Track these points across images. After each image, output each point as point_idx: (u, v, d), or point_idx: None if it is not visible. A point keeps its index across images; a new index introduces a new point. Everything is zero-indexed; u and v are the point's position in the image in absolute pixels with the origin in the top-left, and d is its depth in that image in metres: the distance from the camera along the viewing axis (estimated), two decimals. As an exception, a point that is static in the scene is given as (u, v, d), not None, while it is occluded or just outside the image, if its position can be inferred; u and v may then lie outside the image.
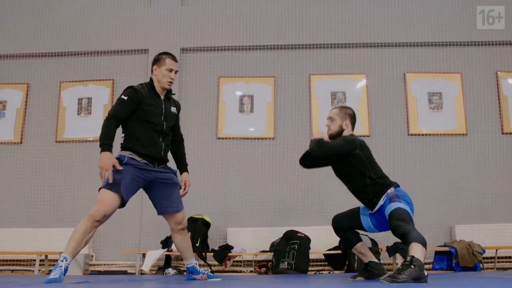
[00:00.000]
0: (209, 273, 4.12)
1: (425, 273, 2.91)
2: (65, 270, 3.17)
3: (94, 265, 6.35)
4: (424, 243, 3.04)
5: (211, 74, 6.97)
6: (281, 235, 5.95)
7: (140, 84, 3.63)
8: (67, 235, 3.29)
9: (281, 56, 7.01)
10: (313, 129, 6.71)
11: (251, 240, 6.25)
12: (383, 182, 3.61)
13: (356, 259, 5.53)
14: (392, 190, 3.53)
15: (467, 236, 5.97)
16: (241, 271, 6.11)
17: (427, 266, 5.65)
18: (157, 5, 7.09)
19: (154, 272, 5.98)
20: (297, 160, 6.44)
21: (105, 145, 3.36)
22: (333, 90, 6.85)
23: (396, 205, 3.38)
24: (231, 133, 6.80)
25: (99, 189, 3.39)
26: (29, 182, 6.73)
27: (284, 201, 6.54)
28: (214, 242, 6.26)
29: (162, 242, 6.11)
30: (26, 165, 6.80)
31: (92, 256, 6.38)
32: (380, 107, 6.78)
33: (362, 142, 3.69)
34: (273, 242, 6.08)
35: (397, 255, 5.51)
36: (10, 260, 6.33)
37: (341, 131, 3.79)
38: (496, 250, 5.87)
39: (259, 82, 6.93)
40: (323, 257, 6.15)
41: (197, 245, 5.87)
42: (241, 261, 6.21)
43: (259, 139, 6.77)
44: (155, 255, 5.85)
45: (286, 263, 5.63)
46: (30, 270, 6.15)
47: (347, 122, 3.81)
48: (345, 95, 6.83)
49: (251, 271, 6.02)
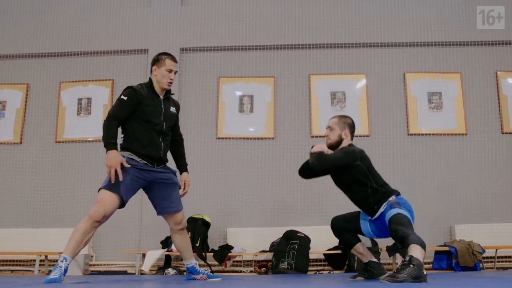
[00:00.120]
0: (209, 273, 4.12)
1: (424, 273, 2.92)
2: (65, 271, 3.17)
3: (94, 265, 6.35)
4: (423, 245, 3.05)
5: (210, 74, 6.97)
6: (281, 235, 5.95)
7: (139, 84, 3.63)
8: (67, 235, 3.29)
9: (281, 56, 7.01)
10: (313, 129, 6.71)
11: (251, 240, 6.25)
12: (384, 190, 3.61)
13: (356, 259, 5.53)
14: (393, 198, 3.54)
15: (467, 236, 5.97)
16: (241, 271, 6.11)
17: (427, 266, 5.69)
18: (156, 5, 7.08)
19: (154, 272, 5.98)
20: (297, 160, 6.52)
21: (110, 144, 3.36)
22: (332, 90, 6.85)
23: (396, 211, 3.39)
24: (231, 133, 6.80)
25: (99, 189, 3.39)
26: (29, 182, 6.73)
27: (284, 201, 6.54)
28: (214, 242, 6.26)
29: (162, 242, 6.11)
30: (26, 165, 6.80)
31: (92, 256, 6.38)
32: (379, 107, 6.78)
33: (362, 153, 3.68)
34: (273, 242, 6.08)
35: (397, 255, 5.51)
36: (10, 260, 6.33)
37: (340, 140, 3.78)
38: (496, 250, 5.88)
39: (259, 82, 6.93)
40: (323, 257, 6.15)
41: (197, 245, 5.87)
42: (241, 261, 6.21)
43: (259, 139, 6.77)
44: (155, 255, 5.85)
45: (286, 263, 5.63)
46: (30, 271, 6.14)
47: (346, 131, 3.79)
48: (344, 95, 6.83)
49: (251, 271, 6.02)
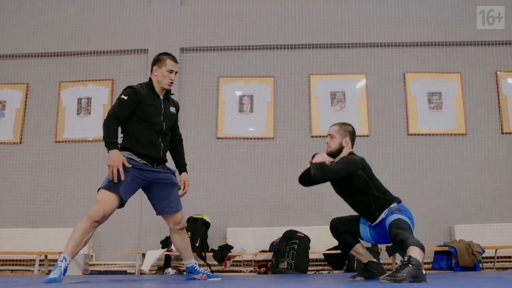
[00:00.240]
0: (208, 272, 4.12)
1: (423, 272, 2.92)
2: (65, 270, 3.17)
3: (93, 265, 6.35)
4: (422, 247, 3.04)
5: (210, 74, 6.97)
6: (280, 235, 5.95)
7: (139, 84, 3.63)
8: (67, 235, 3.29)
9: (281, 56, 7.00)
10: (313, 129, 6.71)
11: (251, 240, 6.25)
12: (386, 197, 3.62)
13: (356, 259, 5.53)
14: (395, 205, 3.55)
15: (466, 236, 5.98)
16: (240, 271, 6.11)
17: (426, 266, 5.68)
18: (156, 5, 7.08)
19: (153, 272, 5.98)
20: (297, 160, 6.57)
21: (111, 143, 3.36)
22: (332, 90, 6.85)
23: (397, 216, 3.40)
24: (230, 133, 6.79)
25: (98, 189, 3.39)
26: (28, 182, 6.72)
27: (284, 201, 6.54)
28: (213, 242, 6.26)
29: (161, 242, 6.11)
30: (26, 165, 6.79)
31: (91, 256, 6.38)
32: (379, 107, 6.78)
33: (363, 161, 3.67)
34: (273, 242, 6.08)
35: (397, 255, 5.49)
36: (10, 260, 6.33)
37: (341, 148, 3.77)
38: (496, 250, 5.88)
39: (258, 82, 6.93)
40: (322, 257, 6.15)
41: (197, 245, 5.87)
42: (240, 261, 6.21)
43: (258, 139, 6.77)
44: (154, 255, 5.85)
45: (285, 263, 5.62)
46: (30, 270, 6.15)
47: (347, 139, 3.78)
48: (344, 95, 6.83)
49: (250, 271, 6.02)
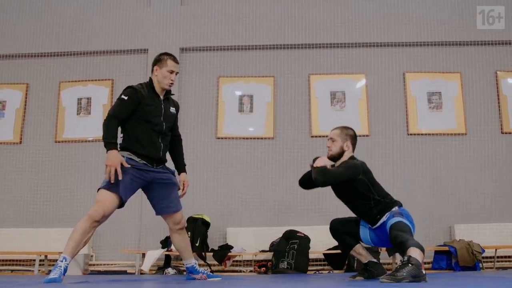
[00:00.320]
0: (208, 272, 4.12)
1: (423, 272, 2.92)
2: (65, 270, 3.17)
3: (93, 265, 6.35)
4: (422, 248, 3.04)
5: (210, 74, 6.97)
6: (280, 235, 5.95)
7: (139, 84, 3.63)
8: (67, 235, 3.29)
9: (281, 56, 7.00)
10: (313, 128, 6.72)
11: (251, 240, 6.25)
12: (387, 200, 3.62)
13: (356, 259, 5.52)
14: (396, 209, 3.56)
15: (466, 236, 5.98)
16: (240, 271, 6.11)
17: (426, 266, 5.68)
18: (156, 5, 7.08)
19: (153, 272, 5.98)
20: (296, 160, 6.58)
21: (110, 143, 3.36)
22: (332, 89, 6.85)
23: (398, 219, 3.41)
24: (230, 133, 6.79)
25: (98, 189, 3.39)
26: (28, 182, 6.72)
27: (284, 201, 6.54)
28: (213, 242, 6.26)
29: (161, 242, 6.11)
30: (26, 165, 6.79)
31: (91, 256, 6.38)
32: (379, 107, 6.78)
33: (364, 166, 3.68)
34: (273, 241, 6.08)
35: (397, 254, 5.49)
36: (10, 260, 6.33)
37: (342, 152, 3.77)
38: (496, 250, 5.88)
39: (258, 82, 6.93)
40: (322, 256, 6.15)
41: (197, 245, 5.87)
42: (240, 261, 6.21)
43: (258, 138, 6.77)
44: (154, 255, 5.85)
45: (285, 262, 5.62)
46: (30, 270, 6.15)
47: (348, 143, 3.78)
48: (344, 94, 6.83)
49: (250, 271, 6.02)
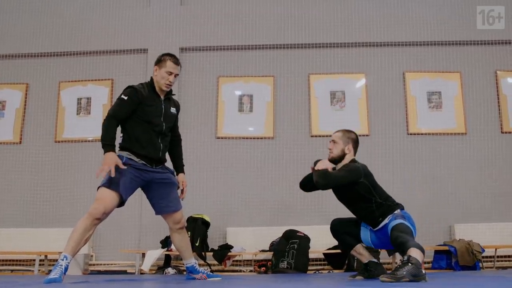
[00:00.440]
0: (208, 272, 4.12)
1: (423, 272, 2.92)
2: (66, 269, 3.17)
3: (93, 265, 6.35)
4: (422, 249, 3.04)
5: (210, 74, 6.97)
6: (280, 235, 5.94)
7: (140, 84, 3.63)
8: (67, 235, 3.29)
9: (280, 55, 7.00)
10: (312, 128, 6.72)
11: (251, 240, 6.25)
12: (389, 203, 3.63)
13: (356, 258, 5.53)
14: (398, 211, 3.56)
15: (466, 235, 5.98)
16: (240, 271, 6.11)
17: (426, 266, 5.68)
18: (156, 5, 7.08)
19: (153, 271, 5.98)
20: (296, 159, 6.58)
21: (108, 145, 3.36)
22: (332, 89, 6.85)
23: (399, 221, 3.41)
24: (230, 132, 6.79)
25: (98, 187, 3.39)
26: (28, 182, 6.72)
27: (284, 201, 6.54)
28: (213, 242, 6.26)
29: (161, 242, 6.11)
30: (26, 165, 6.79)
31: (91, 256, 6.38)
32: (379, 107, 6.78)
33: (366, 169, 3.68)
34: (273, 241, 6.08)
35: (397, 254, 5.51)
36: (10, 260, 6.33)
37: (343, 155, 3.77)
38: (496, 249, 5.88)
39: (258, 81, 6.93)
40: (322, 256, 6.15)
41: (197, 244, 5.87)
42: (240, 261, 6.21)
43: (258, 138, 6.77)
44: (154, 254, 5.85)
45: (285, 262, 5.62)
46: (30, 270, 6.15)
47: (350, 146, 3.79)
48: (344, 94, 6.83)
49: (250, 271, 6.02)
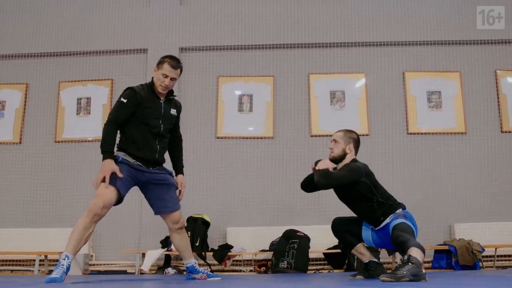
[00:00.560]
0: (208, 272, 4.12)
1: (423, 271, 2.92)
2: (67, 269, 3.17)
3: (93, 265, 6.35)
4: (423, 249, 3.04)
5: (210, 74, 6.97)
6: (280, 235, 5.94)
7: (140, 85, 3.61)
8: (67, 235, 3.29)
9: (280, 55, 7.00)
10: (312, 128, 6.72)
11: (251, 240, 6.25)
12: (391, 202, 3.62)
13: (356, 258, 5.53)
14: (400, 211, 3.56)
15: (466, 235, 5.98)
16: (240, 271, 6.11)
17: (426, 265, 5.68)
18: (156, 4, 7.08)
19: (153, 271, 5.98)
20: (296, 159, 6.58)
21: (106, 152, 3.37)
22: (332, 89, 6.86)
23: (401, 221, 3.41)
24: (230, 132, 6.79)
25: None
26: (28, 182, 6.72)
27: (284, 201, 6.54)
28: (213, 242, 6.26)
29: (161, 242, 6.10)
30: (25, 165, 6.79)
31: (91, 256, 6.38)
32: (379, 106, 6.78)
33: (367, 168, 3.68)
34: (273, 241, 6.08)
35: (397, 254, 5.51)
36: (10, 260, 6.33)
37: (344, 155, 3.77)
38: (496, 249, 5.88)
39: (258, 81, 6.93)
40: (322, 256, 6.15)
41: (197, 244, 5.87)
42: (240, 261, 6.21)
43: (258, 138, 6.77)
44: (154, 254, 5.85)
45: (285, 262, 5.62)
46: (30, 270, 6.15)
47: (351, 146, 3.78)
48: (344, 94, 6.83)
49: (250, 271, 6.02)
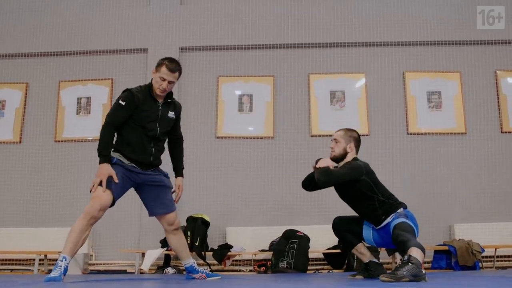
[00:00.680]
0: (208, 272, 4.12)
1: (423, 272, 2.91)
2: (65, 270, 3.16)
3: (93, 264, 6.35)
4: (423, 249, 3.04)
5: (210, 74, 6.97)
6: (280, 234, 5.94)
7: (139, 87, 3.58)
8: (66, 235, 3.28)
9: (280, 55, 7.00)
10: (312, 128, 6.72)
11: (251, 239, 6.25)
12: (392, 201, 3.62)
13: (356, 258, 5.54)
14: (401, 210, 3.55)
15: (466, 235, 5.98)
16: (240, 270, 6.10)
17: (426, 265, 5.68)
18: (156, 4, 7.08)
19: (153, 271, 5.98)
20: (296, 159, 6.58)
21: (103, 156, 3.36)
22: (332, 89, 6.86)
23: (402, 220, 3.41)
24: (230, 132, 6.79)
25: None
26: (28, 181, 6.72)
27: (284, 200, 6.54)
28: (213, 241, 6.26)
29: (161, 242, 6.10)
30: (25, 165, 6.79)
31: (91, 255, 6.38)
32: (379, 106, 6.78)
33: (367, 167, 3.67)
34: (273, 241, 6.08)
35: (396, 254, 5.51)
36: (10, 260, 6.33)
37: (345, 154, 3.77)
38: (495, 249, 5.88)
39: (258, 81, 6.93)
40: (322, 256, 6.15)
41: (197, 244, 5.88)
42: (240, 260, 6.21)
43: (258, 138, 6.77)
44: (154, 254, 5.85)
45: (285, 262, 5.62)
46: (30, 270, 6.14)
47: (352, 145, 3.78)
48: (344, 94, 6.83)
49: (250, 270, 6.02)
